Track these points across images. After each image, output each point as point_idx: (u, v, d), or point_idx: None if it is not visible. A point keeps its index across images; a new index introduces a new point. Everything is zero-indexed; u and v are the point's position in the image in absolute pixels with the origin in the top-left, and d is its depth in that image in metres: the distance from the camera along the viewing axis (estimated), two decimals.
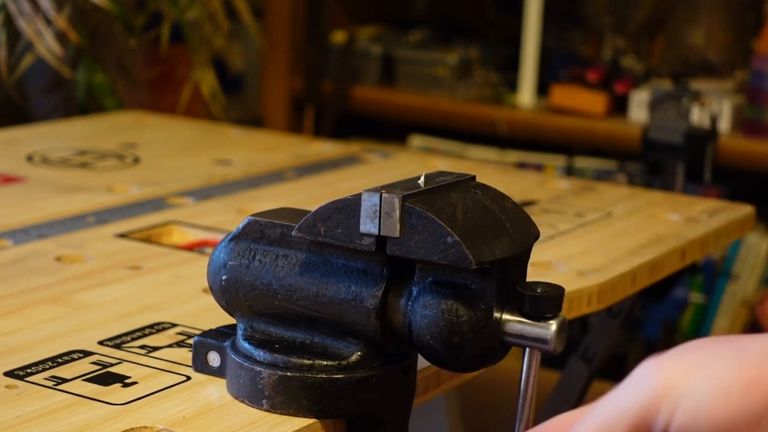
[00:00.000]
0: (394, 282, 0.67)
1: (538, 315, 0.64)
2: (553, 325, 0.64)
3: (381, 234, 0.64)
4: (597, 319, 1.27)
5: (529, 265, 0.68)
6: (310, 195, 1.20)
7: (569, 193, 1.24)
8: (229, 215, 1.10)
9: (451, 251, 0.62)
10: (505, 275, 0.65)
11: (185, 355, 0.76)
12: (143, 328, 0.81)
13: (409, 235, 0.63)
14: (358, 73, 2.57)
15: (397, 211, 0.63)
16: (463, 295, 0.64)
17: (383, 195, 0.64)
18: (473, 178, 0.69)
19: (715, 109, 2.15)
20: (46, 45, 1.61)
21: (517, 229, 0.66)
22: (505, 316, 0.65)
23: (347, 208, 0.65)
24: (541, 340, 0.64)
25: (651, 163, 2.23)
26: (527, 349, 0.65)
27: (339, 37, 2.59)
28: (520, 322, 0.64)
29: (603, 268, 0.97)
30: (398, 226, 0.63)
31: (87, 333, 0.79)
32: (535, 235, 0.67)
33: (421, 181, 0.67)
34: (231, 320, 0.73)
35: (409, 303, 0.65)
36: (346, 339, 0.68)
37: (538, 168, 2.36)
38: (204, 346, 0.72)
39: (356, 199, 0.65)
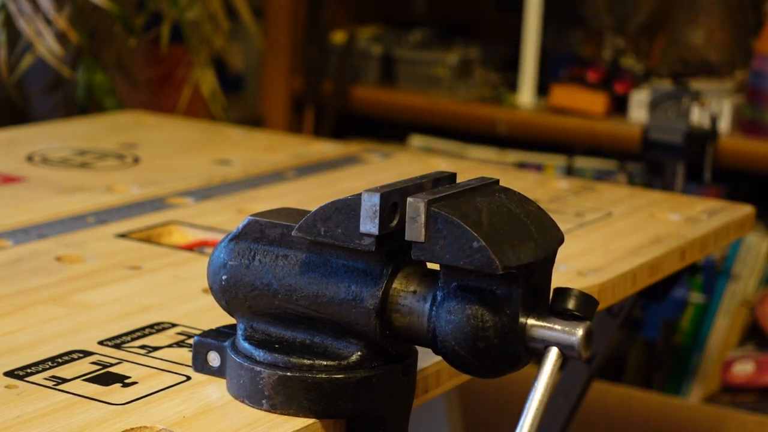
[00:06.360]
0: (394, 280, 0.67)
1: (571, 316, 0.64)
2: (580, 331, 0.64)
3: (406, 239, 0.64)
4: (597, 319, 1.27)
5: None
6: (310, 195, 1.20)
7: (569, 193, 1.24)
8: (229, 215, 1.10)
9: (477, 256, 0.62)
10: (530, 280, 0.64)
11: (185, 355, 0.76)
12: (143, 328, 0.81)
13: (435, 239, 0.63)
14: (358, 73, 2.57)
15: (423, 216, 0.63)
16: (489, 301, 0.64)
17: (409, 200, 0.63)
18: (497, 182, 0.69)
19: (715, 109, 2.15)
20: (46, 45, 1.61)
21: (542, 234, 0.66)
22: (531, 321, 0.64)
23: (347, 208, 0.65)
24: (568, 346, 0.64)
25: (651, 163, 2.23)
26: (551, 354, 0.64)
27: (339, 37, 2.59)
28: (545, 327, 0.64)
29: (603, 268, 0.97)
30: (423, 230, 0.63)
31: (87, 333, 0.79)
32: (560, 240, 0.67)
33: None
34: (231, 320, 0.73)
35: (434, 308, 0.65)
36: (346, 339, 0.68)
37: (538, 168, 2.36)
38: (204, 346, 0.72)
39: (356, 199, 0.65)
